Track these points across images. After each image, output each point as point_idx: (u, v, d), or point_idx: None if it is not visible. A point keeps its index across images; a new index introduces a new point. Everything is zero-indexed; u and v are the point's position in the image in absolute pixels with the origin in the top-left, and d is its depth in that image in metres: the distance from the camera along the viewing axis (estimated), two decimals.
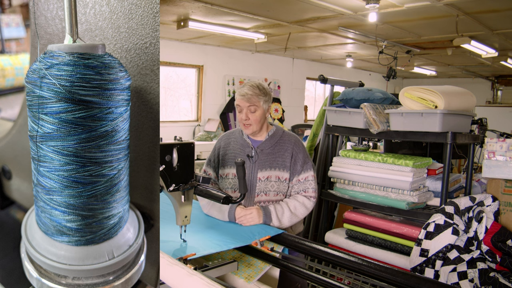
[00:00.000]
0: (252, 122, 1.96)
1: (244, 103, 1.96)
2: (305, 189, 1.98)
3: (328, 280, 1.36)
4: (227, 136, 2.16)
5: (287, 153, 1.99)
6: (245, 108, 1.96)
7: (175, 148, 1.43)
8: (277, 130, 2.07)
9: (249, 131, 2.00)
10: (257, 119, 1.96)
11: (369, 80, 9.95)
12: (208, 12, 4.35)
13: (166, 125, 6.52)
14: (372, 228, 2.74)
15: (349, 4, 3.89)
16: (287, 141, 2.03)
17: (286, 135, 2.06)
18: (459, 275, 2.15)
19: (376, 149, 4.70)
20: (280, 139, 2.03)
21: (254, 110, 1.96)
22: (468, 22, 4.35)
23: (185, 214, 1.50)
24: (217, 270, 1.41)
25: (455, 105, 2.45)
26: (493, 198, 2.36)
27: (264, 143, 2.02)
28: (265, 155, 2.00)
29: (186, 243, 1.51)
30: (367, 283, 1.53)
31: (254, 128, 1.98)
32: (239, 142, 2.07)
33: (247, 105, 1.95)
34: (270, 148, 2.01)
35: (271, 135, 2.03)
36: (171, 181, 1.44)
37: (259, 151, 2.01)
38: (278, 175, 1.98)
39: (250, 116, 1.96)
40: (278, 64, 8.10)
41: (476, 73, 9.53)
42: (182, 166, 1.45)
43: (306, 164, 2.00)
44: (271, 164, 1.98)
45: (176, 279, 1.10)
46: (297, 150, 2.00)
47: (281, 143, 2.02)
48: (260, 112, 1.97)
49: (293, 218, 1.91)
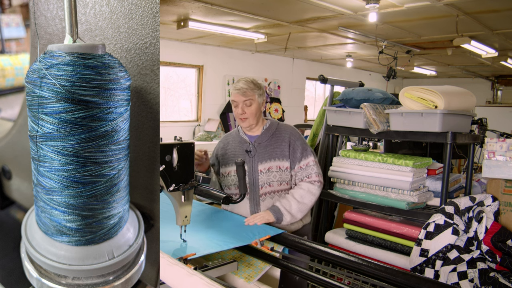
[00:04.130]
0: (249, 115, 2.01)
1: (240, 97, 2.01)
2: (308, 175, 2.01)
3: (328, 280, 1.36)
4: (225, 138, 2.22)
5: (285, 143, 2.03)
6: (241, 102, 2.01)
7: (175, 148, 1.43)
8: (272, 123, 2.12)
9: (246, 124, 2.04)
10: (253, 112, 2.01)
11: (369, 80, 9.95)
12: (208, 12, 4.35)
13: (166, 125, 6.53)
14: (372, 228, 2.74)
15: (349, 4, 3.89)
16: (283, 131, 2.07)
17: (281, 126, 2.11)
18: (459, 275, 2.15)
19: (376, 149, 4.70)
20: (276, 130, 2.07)
21: (249, 103, 2.01)
22: (468, 22, 4.35)
23: (185, 214, 1.50)
24: (217, 270, 1.41)
25: (455, 105, 2.45)
26: (493, 198, 2.36)
27: (260, 136, 2.06)
28: (263, 147, 2.04)
29: (186, 243, 1.51)
30: (367, 283, 1.53)
31: (250, 121, 2.03)
32: (237, 140, 2.12)
33: (243, 99, 2.00)
34: (267, 141, 2.05)
35: (266, 128, 2.08)
36: (171, 181, 1.44)
37: (256, 144, 2.05)
38: (278, 165, 2.02)
39: (246, 110, 2.01)
40: (278, 64, 8.10)
41: (476, 73, 9.53)
42: (182, 166, 1.45)
43: (305, 151, 2.04)
44: (270, 156, 2.02)
45: (176, 279, 1.10)
46: (294, 138, 2.04)
47: (277, 135, 2.06)
48: (256, 105, 2.02)
49: (302, 207, 1.94)
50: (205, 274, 1.23)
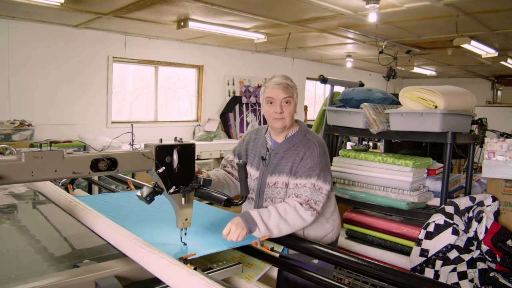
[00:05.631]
0: (286, 115, 1.81)
1: (280, 93, 1.79)
2: (298, 194, 1.73)
3: (328, 280, 1.36)
4: (256, 132, 2.03)
5: (298, 157, 1.81)
6: (279, 100, 1.80)
7: (176, 149, 1.40)
8: (299, 132, 1.88)
9: (280, 125, 1.83)
10: (291, 112, 1.82)
11: (369, 80, 9.95)
12: (208, 12, 4.35)
13: (166, 125, 6.53)
14: (372, 228, 2.74)
15: (349, 4, 3.89)
16: (303, 145, 1.83)
17: (305, 139, 1.85)
18: (459, 275, 2.15)
19: (376, 149, 4.71)
20: (298, 142, 1.84)
21: (289, 101, 1.81)
22: (468, 22, 4.35)
23: (185, 216, 1.48)
24: (222, 272, 1.38)
25: (455, 105, 2.45)
26: (493, 198, 2.36)
27: (280, 145, 1.87)
28: (278, 159, 1.86)
29: (186, 246, 1.49)
30: (367, 283, 1.53)
31: (287, 122, 1.83)
32: (260, 141, 1.95)
33: (283, 96, 1.79)
34: (284, 152, 1.85)
35: (289, 137, 1.87)
36: (171, 183, 1.41)
37: (273, 154, 1.88)
38: (285, 181, 1.83)
39: (285, 108, 1.80)
40: (278, 64, 8.10)
41: (476, 73, 9.53)
42: (183, 167, 1.43)
43: (311, 171, 1.76)
44: (281, 169, 1.84)
45: (176, 279, 1.10)
46: (309, 154, 1.79)
47: (296, 147, 1.83)
48: (294, 105, 1.83)
49: (281, 224, 1.63)
50: (209, 276, 1.23)
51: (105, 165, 1.23)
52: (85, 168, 1.20)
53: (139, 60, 6.12)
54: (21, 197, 2.15)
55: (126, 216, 1.82)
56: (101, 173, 1.24)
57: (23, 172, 1.10)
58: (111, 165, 1.24)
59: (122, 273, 1.24)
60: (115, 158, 1.25)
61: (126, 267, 1.26)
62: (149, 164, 1.35)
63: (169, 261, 1.15)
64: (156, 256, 1.18)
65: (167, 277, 1.13)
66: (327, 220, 1.91)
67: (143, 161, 1.33)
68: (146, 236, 1.43)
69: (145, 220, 1.79)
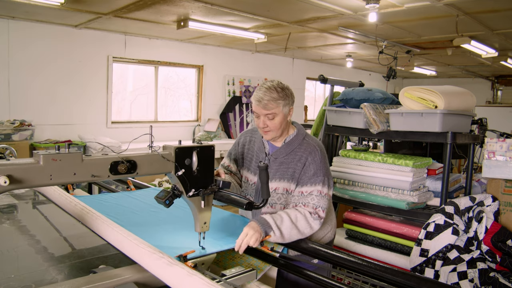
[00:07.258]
0: (272, 128, 1.77)
1: (260, 110, 1.75)
2: (306, 203, 1.71)
3: (328, 280, 1.36)
4: (251, 133, 1.99)
5: (300, 163, 1.77)
6: (262, 115, 1.76)
7: (195, 151, 1.35)
8: (297, 135, 1.85)
9: (269, 137, 1.82)
10: (276, 126, 1.76)
11: (369, 80, 9.95)
12: (208, 12, 4.35)
13: (166, 125, 6.53)
14: (372, 228, 2.74)
15: (349, 4, 3.89)
16: (304, 149, 1.80)
17: (306, 142, 1.82)
18: (459, 275, 2.15)
19: (376, 149, 4.71)
20: (298, 146, 1.81)
21: (272, 117, 1.75)
22: (468, 22, 4.35)
23: (204, 220, 1.43)
24: (237, 279, 1.33)
25: (455, 105, 2.45)
26: (493, 198, 2.36)
27: (279, 150, 1.83)
28: (278, 164, 1.81)
29: (205, 250, 1.44)
30: (367, 283, 1.53)
31: (273, 134, 1.80)
32: (257, 145, 1.91)
33: (264, 113, 1.75)
34: (284, 157, 1.81)
35: (288, 142, 1.83)
36: (190, 186, 1.36)
37: (272, 159, 1.83)
38: (285, 187, 1.79)
39: (269, 123, 1.76)
40: (278, 64, 8.10)
41: (476, 73, 9.53)
42: (202, 170, 1.37)
43: (316, 177, 1.74)
44: (281, 175, 1.79)
45: (176, 279, 1.10)
46: (311, 159, 1.76)
47: (296, 151, 1.80)
48: (280, 118, 1.75)
49: (293, 231, 1.62)
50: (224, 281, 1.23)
51: (125, 167, 1.19)
52: (104, 171, 1.17)
53: (139, 60, 6.12)
54: (21, 197, 2.15)
55: (126, 217, 1.81)
56: (121, 176, 1.20)
57: (41, 176, 1.05)
58: (130, 167, 1.20)
59: (139, 279, 1.23)
60: (134, 160, 1.21)
61: (144, 273, 1.25)
62: (169, 167, 1.30)
63: (169, 261, 1.15)
64: (156, 256, 1.18)
65: (167, 277, 1.13)
66: (326, 220, 1.90)
67: (162, 164, 1.28)
68: (151, 241, 1.37)
69: (145, 220, 1.79)
